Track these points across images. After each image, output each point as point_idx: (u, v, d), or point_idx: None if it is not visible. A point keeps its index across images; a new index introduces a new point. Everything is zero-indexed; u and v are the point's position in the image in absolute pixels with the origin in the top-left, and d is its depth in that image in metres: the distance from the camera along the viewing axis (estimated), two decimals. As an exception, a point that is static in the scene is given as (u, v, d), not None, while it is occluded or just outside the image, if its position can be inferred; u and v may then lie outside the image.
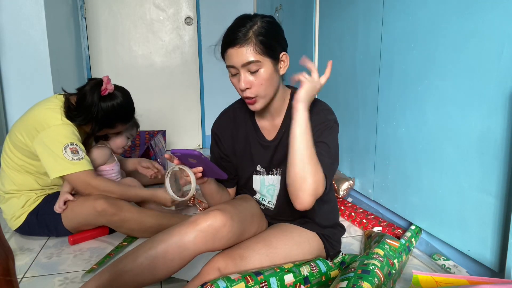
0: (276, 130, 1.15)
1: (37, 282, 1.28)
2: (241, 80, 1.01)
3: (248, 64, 0.99)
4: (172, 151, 0.99)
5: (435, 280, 0.91)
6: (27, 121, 1.49)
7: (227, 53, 1.01)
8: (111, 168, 1.72)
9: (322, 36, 2.17)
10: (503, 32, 1.06)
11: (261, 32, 0.99)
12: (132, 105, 1.63)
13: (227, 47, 1.00)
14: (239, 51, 0.98)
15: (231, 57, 1.00)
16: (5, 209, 1.58)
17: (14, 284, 0.59)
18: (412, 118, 1.45)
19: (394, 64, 1.54)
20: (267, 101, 1.07)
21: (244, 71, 1.01)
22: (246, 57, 0.98)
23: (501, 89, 1.07)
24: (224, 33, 1.03)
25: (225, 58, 1.04)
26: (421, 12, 1.37)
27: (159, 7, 3.14)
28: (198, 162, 1.00)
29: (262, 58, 0.99)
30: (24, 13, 2.10)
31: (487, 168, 1.13)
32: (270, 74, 1.02)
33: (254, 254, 1.06)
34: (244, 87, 1.01)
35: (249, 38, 0.98)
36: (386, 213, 1.69)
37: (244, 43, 0.98)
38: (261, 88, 1.02)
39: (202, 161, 0.99)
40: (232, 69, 1.02)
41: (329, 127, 1.07)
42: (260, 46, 0.99)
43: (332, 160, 1.05)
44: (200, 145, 3.43)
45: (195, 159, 0.98)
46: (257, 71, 1.00)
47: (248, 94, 1.03)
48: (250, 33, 0.98)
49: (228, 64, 1.02)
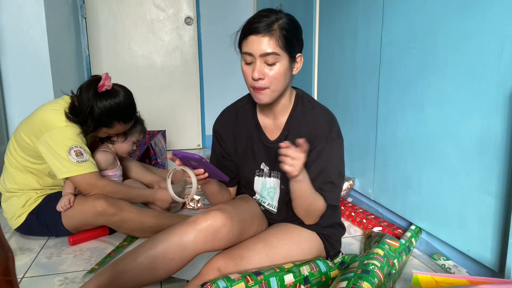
0: (279, 130, 1.14)
1: (37, 282, 1.28)
2: (255, 70, 0.99)
3: (266, 55, 0.98)
4: (174, 153, 0.98)
5: (435, 280, 0.91)
6: (32, 121, 1.49)
7: (247, 40, 1.00)
8: (114, 173, 1.71)
9: (322, 36, 2.17)
10: (503, 32, 1.06)
11: (285, 27, 0.99)
12: (133, 105, 1.60)
13: (249, 33, 0.99)
14: (261, 40, 0.97)
15: (251, 44, 0.99)
16: (5, 208, 1.58)
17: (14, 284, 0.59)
18: (412, 118, 1.45)
19: (394, 64, 1.54)
20: (275, 96, 1.05)
21: (260, 61, 0.99)
22: (267, 47, 0.97)
23: (501, 89, 1.07)
24: (248, 20, 1.01)
25: (243, 45, 1.02)
26: (421, 12, 1.37)
27: (159, 7, 3.14)
28: (199, 165, 0.99)
29: (282, 52, 0.99)
30: (24, 13, 2.10)
31: (487, 168, 1.13)
32: (285, 70, 1.01)
33: (254, 254, 1.06)
34: (257, 77, 0.99)
35: (274, 30, 0.98)
36: (386, 213, 1.69)
37: (268, 33, 0.97)
38: (273, 82, 1.01)
39: (203, 164, 0.98)
40: (248, 57, 1.00)
41: (331, 145, 1.07)
42: (283, 40, 0.98)
43: (334, 186, 1.09)
44: (200, 145, 3.43)
45: (196, 162, 0.98)
46: (274, 64, 0.99)
47: (259, 84, 1.01)
48: (275, 26, 0.98)
49: (246, 51, 1.00)
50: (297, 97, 1.14)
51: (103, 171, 1.67)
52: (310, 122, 1.09)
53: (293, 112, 1.12)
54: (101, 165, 1.64)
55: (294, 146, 1.00)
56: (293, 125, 1.11)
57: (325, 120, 1.09)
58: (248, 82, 1.04)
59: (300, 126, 1.10)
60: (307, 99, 1.14)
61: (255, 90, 1.03)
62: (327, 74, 2.14)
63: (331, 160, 1.07)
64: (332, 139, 1.07)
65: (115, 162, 1.73)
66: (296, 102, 1.13)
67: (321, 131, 1.07)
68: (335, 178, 1.08)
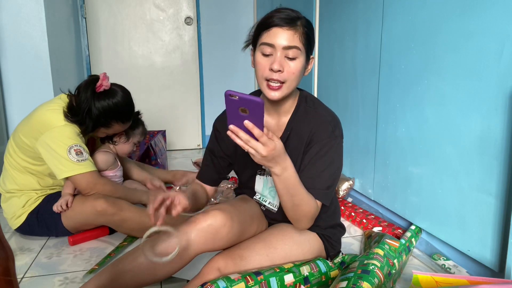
0: (281, 130, 1.13)
1: (37, 282, 1.28)
2: (276, 61, 0.96)
3: (290, 48, 0.97)
4: (229, 92, 0.80)
5: (435, 280, 0.91)
6: (30, 122, 1.49)
7: (269, 31, 0.97)
8: (114, 173, 1.72)
9: (322, 36, 2.17)
10: (503, 32, 1.06)
11: (307, 25, 1.00)
12: (131, 105, 1.60)
13: (273, 25, 0.97)
14: (287, 32, 0.96)
15: (275, 36, 0.96)
16: (5, 208, 1.58)
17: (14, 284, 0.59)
18: (412, 118, 1.45)
19: (394, 64, 1.54)
20: (287, 93, 1.03)
21: (282, 54, 0.97)
22: (292, 40, 0.96)
23: (501, 89, 1.07)
24: (269, 14, 0.99)
25: (263, 36, 0.99)
26: (421, 12, 1.37)
27: (159, 7, 3.14)
28: (250, 115, 0.81)
29: (303, 48, 0.99)
30: (24, 13, 2.10)
31: (487, 168, 1.13)
32: (302, 67, 1.01)
33: (254, 254, 1.06)
34: (277, 69, 0.96)
35: (298, 26, 0.98)
36: (386, 213, 1.69)
37: (293, 27, 0.97)
38: (291, 77, 0.99)
39: (255, 115, 0.80)
40: (268, 49, 0.98)
41: (330, 146, 1.06)
42: (305, 37, 0.99)
43: (328, 184, 1.06)
44: (200, 145, 3.43)
45: (250, 109, 0.80)
46: (294, 59, 0.98)
47: (277, 77, 0.98)
48: (299, 22, 0.98)
49: (268, 41, 0.97)
50: (301, 97, 1.13)
51: (104, 171, 1.67)
52: (311, 122, 1.08)
53: (295, 112, 1.11)
54: (101, 166, 1.64)
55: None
56: (295, 125, 1.10)
57: (327, 121, 1.08)
58: (264, 74, 0.99)
59: (301, 126, 1.09)
60: (311, 99, 1.13)
61: (269, 86, 1.00)
62: (327, 74, 2.14)
63: (329, 160, 1.06)
64: (332, 139, 1.06)
65: (115, 162, 1.73)
66: (300, 102, 1.12)
67: (321, 131, 1.06)
68: (331, 178, 1.06)
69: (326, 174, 1.05)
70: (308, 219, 1.06)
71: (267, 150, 0.85)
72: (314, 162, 1.05)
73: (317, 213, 1.06)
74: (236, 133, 0.84)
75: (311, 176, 1.05)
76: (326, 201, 1.07)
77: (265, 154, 0.85)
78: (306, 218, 1.05)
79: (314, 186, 1.04)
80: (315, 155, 1.05)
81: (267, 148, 0.85)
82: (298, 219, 1.06)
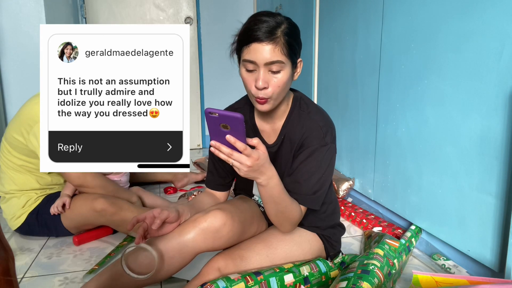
0: (276, 134, 1.12)
1: (37, 282, 1.28)
2: (259, 79, 0.94)
3: (271, 64, 0.94)
4: (208, 110, 0.82)
5: (435, 280, 0.91)
6: (19, 119, 1.49)
7: (249, 47, 0.94)
8: (119, 178, 1.71)
9: (322, 36, 2.17)
10: (503, 32, 1.06)
11: (288, 33, 0.95)
12: None
13: (252, 41, 0.93)
14: (266, 48, 0.92)
15: (255, 52, 0.93)
16: (5, 209, 1.57)
17: (14, 284, 0.59)
18: (412, 118, 1.45)
19: (394, 64, 1.54)
20: (277, 104, 1.02)
21: (265, 70, 0.95)
22: (273, 55, 0.93)
23: (501, 89, 1.07)
24: (247, 26, 0.96)
25: (243, 52, 0.96)
26: (421, 12, 1.37)
27: (159, 7, 3.14)
28: (231, 130, 0.83)
29: (286, 60, 0.95)
30: (24, 13, 2.10)
31: (487, 168, 1.13)
32: (288, 77, 0.98)
33: (254, 255, 1.06)
34: (262, 86, 0.95)
35: (278, 37, 0.93)
36: (386, 213, 1.69)
37: (273, 41, 0.93)
38: (277, 90, 0.97)
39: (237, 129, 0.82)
40: (250, 65, 0.95)
41: (320, 152, 1.04)
42: (287, 47, 0.94)
43: (315, 189, 1.04)
44: (200, 145, 3.43)
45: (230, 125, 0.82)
46: (278, 72, 0.95)
47: (262, 94, 0.96)
48: (279, 32, 0.93)
49: (248, 58, 0.95)
50: (295, 100, 1.11)
51: (107, 175, 1.66)
52: (304, 126, 1.07)
53: (289, 116, 1.10)
54: None
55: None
56: (288, 129, 1.09)
57: (319, 124, 1.06)
58: (252, 91, 0.98)
59: (294, 130, 1.08)
60: (305, 102, 1.11)
61: (257, 100, 0.99)
62: (327, 74, 2.14)
63: (317, 166, 1.04)
64: (322, 146, 1.04)
65: None
66: (293, 105, 1.10)
67: (313, 135, 1.05)
68: (318, 183, 1.04)
69: (313, 179, 1.04)
70: (291, 224, 1.06)
71: (251, 161, 0.87)
72: (301, 168, 1.04)
73: (300, 218, 1.07)
74: (218, 148, 0.86)
75: (298, 181, 1.04)
76: (313, 205, 1.06)
77: (250, 164, 0.87)
78: (289, 223, 1.05)
79: (300, 191, 1.04)
80: (304, 160, 1.04)
81: (252, 158, 0.87)
82: (281, 224, 1.06)
